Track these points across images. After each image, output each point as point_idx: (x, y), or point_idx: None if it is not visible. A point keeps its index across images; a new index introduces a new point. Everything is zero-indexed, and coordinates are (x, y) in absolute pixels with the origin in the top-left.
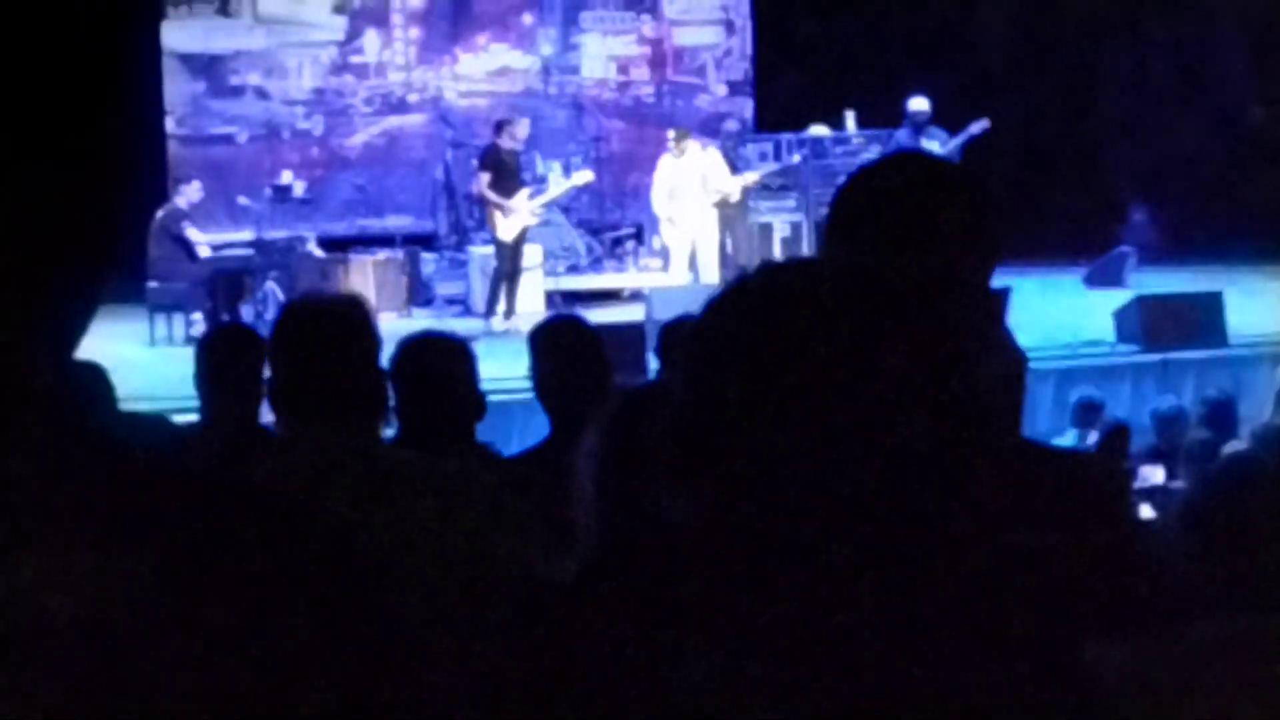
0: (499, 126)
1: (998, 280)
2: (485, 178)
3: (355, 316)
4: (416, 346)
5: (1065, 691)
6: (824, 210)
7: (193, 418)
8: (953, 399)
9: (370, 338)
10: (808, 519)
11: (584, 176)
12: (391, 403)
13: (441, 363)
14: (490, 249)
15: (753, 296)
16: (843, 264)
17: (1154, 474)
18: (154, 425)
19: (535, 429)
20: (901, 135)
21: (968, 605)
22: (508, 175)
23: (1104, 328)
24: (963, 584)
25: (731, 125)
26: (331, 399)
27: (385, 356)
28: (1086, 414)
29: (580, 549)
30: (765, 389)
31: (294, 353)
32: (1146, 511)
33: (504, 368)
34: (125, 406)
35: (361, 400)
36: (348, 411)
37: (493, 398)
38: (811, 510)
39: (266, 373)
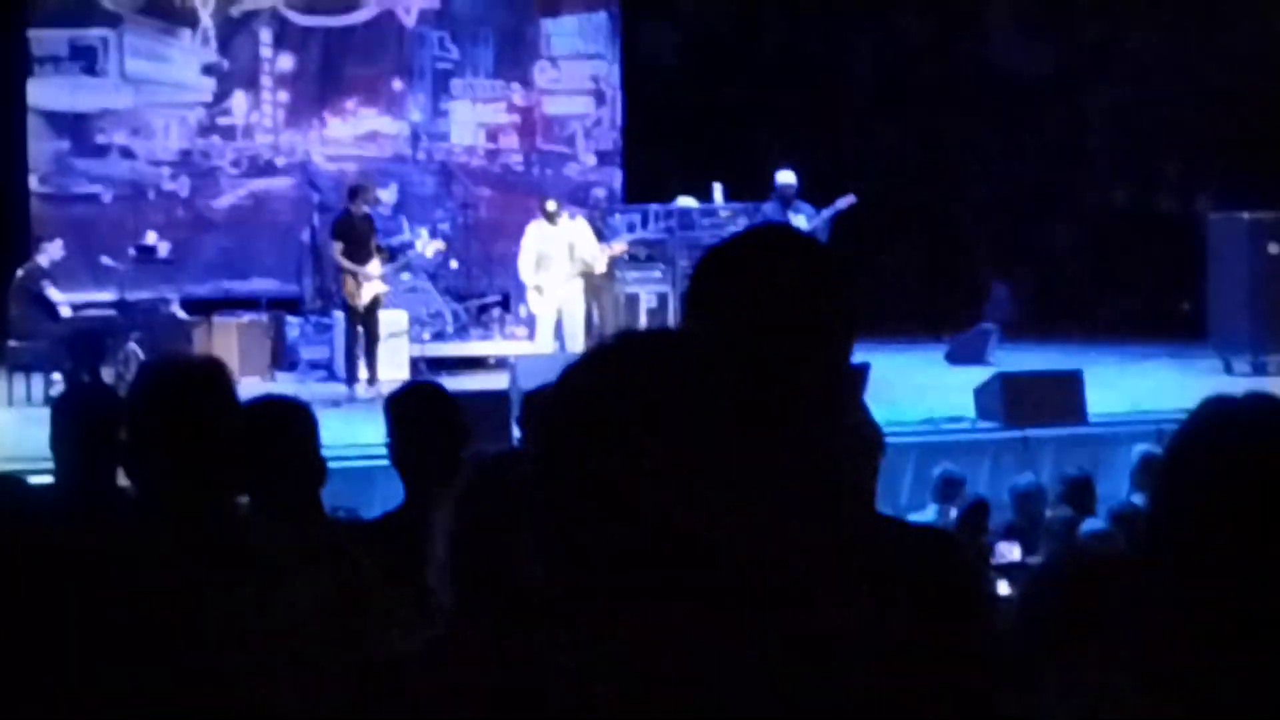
0: (352, 193)
1: (858, 356)
2: (338, 246)
3: (215, 379)
4: (258, 409)
5: None
6: (687, 283)
7: (48, 480)
8: (807, 471)
9: (230, 401)
10: (661, 583)
11: (434, 245)
12: None
13: (281, 427)
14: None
15: (607, 363)
16: (699, 334)
17: (1011, 551)
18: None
19: (398, 495)
20: (769, 208)
21: (821, 677)
22: (360, 242)
23: (965, 404)
24: (815, 653)
25: (600, 193)
26: (188, 464)
27: None
28: (948, 489)
29: (435, 615)
30: (616, 454)
31: (150, 415)
32: (1004, 588)
33: (368, 434)
34: None
35: (219, 466)
36: (204, 477)
37: (355, 464)
38: (664, 575)
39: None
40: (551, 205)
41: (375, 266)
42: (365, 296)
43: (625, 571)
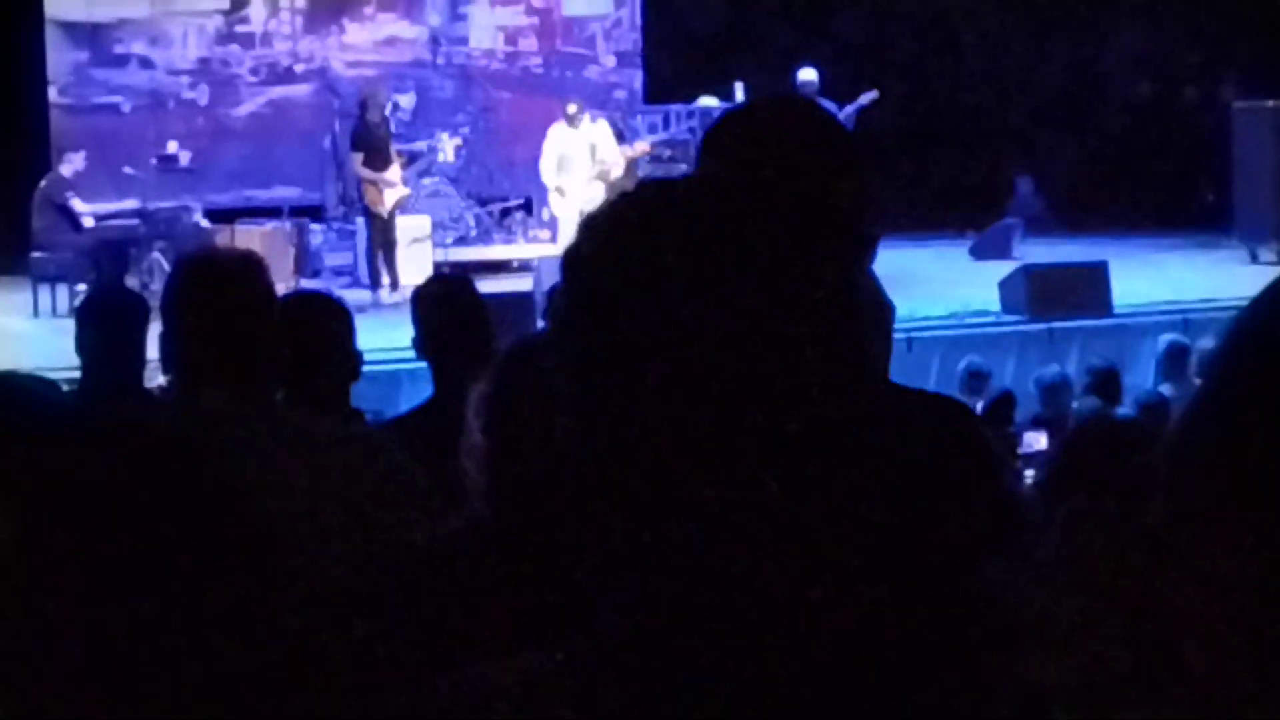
0: (363, 104)
1: (882, 249)
2: (358, 157)
3: (253, 273)
4: (297, 304)
5: (964, 615)
6: None
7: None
8: (826, 318)
9: (269, 294)
10: (684, 440)
11: (454, 144)
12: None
13: (322, 321)
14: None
15: (627, 210)
16: (717, 180)
17: (1038, 440)
18: (29, 383)
19: (423, 398)
20: None
21: (848, 532)
22: (378, 149)
23: (990, 298)
24: (838, 508)
25: (620, 95)
26: (229, 356)
27: None
28: (974, 382)
29: (469, 500)
30: (637, 300)
31: (191, 308)
32: (1031, 476)
33: (391, 338)
34: None
35: (259, 358)
36: (245, 369)
37: (380, 368)
38: (687, 429)
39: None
40: (573, 108)
41: (395, 172)
42: (388, 203)
43: (648, 433)
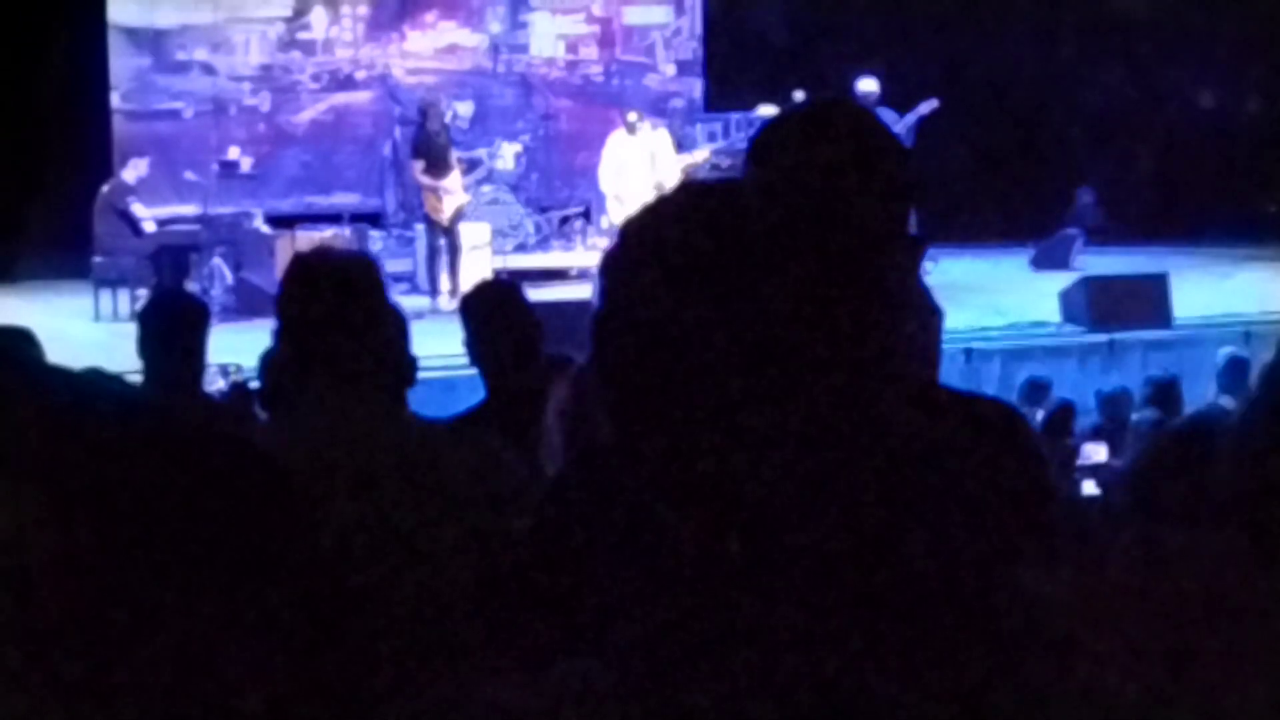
0: (423, 110)
1: (943, 260)
2: (419, 165)
3: (375, 273)
4: None
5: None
6: None
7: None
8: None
9: (386, 295)
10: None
11: (512, 148)
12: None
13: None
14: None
15: (670, 212)
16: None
17: (1097, 452)
18: (94, 381)
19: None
20: None
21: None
22: (439, 157)
23: (1050, 309)
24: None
25: (678, 104)
26: (362, 362)
27: None
28: (1034, 393)
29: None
30: (678, 303)
31: (303, 305)
32: (1090, 488)
33: (450, 345)
34: None
35: (392, 364)
36: (378, 376)
37: (438, 374)
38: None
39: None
40: (633, 116)
41: (455, 179)
42: (448, 211)
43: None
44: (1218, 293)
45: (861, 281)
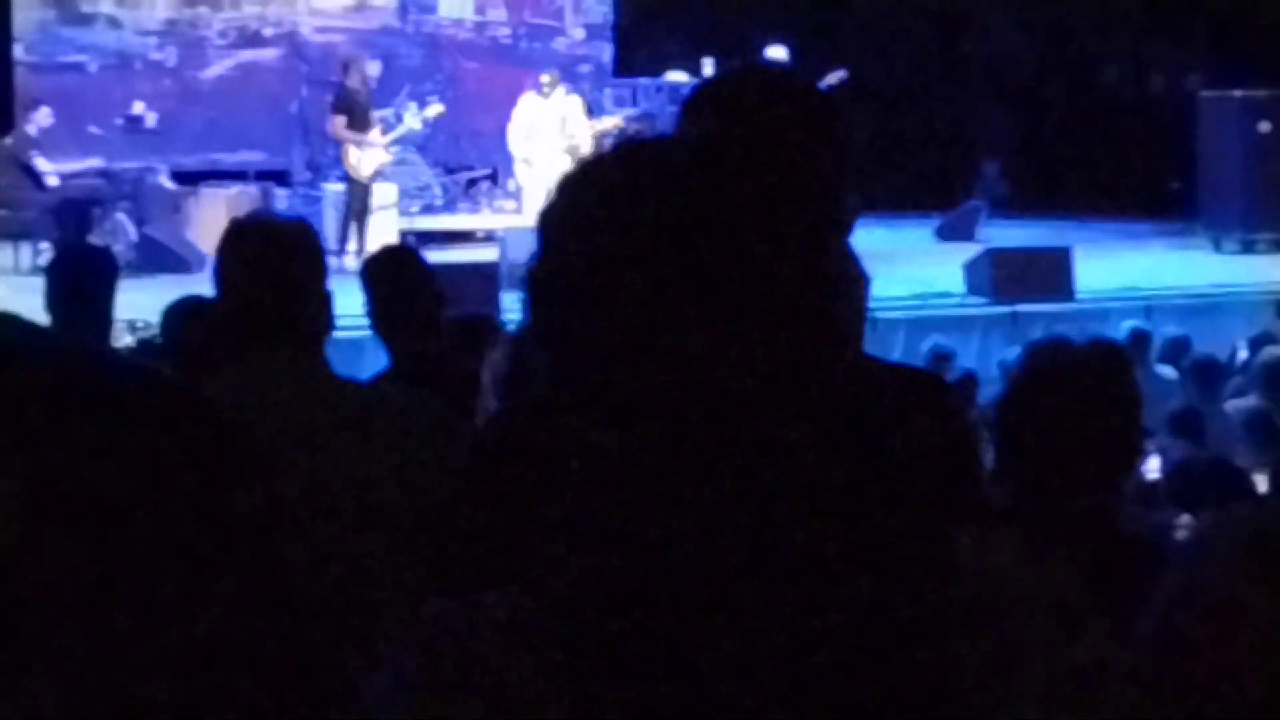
0: (345, 67)
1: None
2: (340, 120)
3: (313, 239)
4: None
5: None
6: None
7: None
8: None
9: (323, 260)
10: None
11: (435, 109)
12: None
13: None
14: (343, 186)
15: (609, 166)
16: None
17: None
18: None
19: (384, 362)
20: None
21: (823, 501)
22: (360, 114)
23: (954, 280)
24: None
25: (586, 69)
26: (286, 320)
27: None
28: (938, 363)
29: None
30: (616, 258)
31: (255, 272)
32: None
33: (355, 304)
34: None
35: (316, 322)
36: (302, 333)
37: (344, 334)
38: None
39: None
40: (546, 78)
41: (376, 135)
42: (366, 167)
43: (615, 380)
44: (1120, 267)
45: (807, 242)
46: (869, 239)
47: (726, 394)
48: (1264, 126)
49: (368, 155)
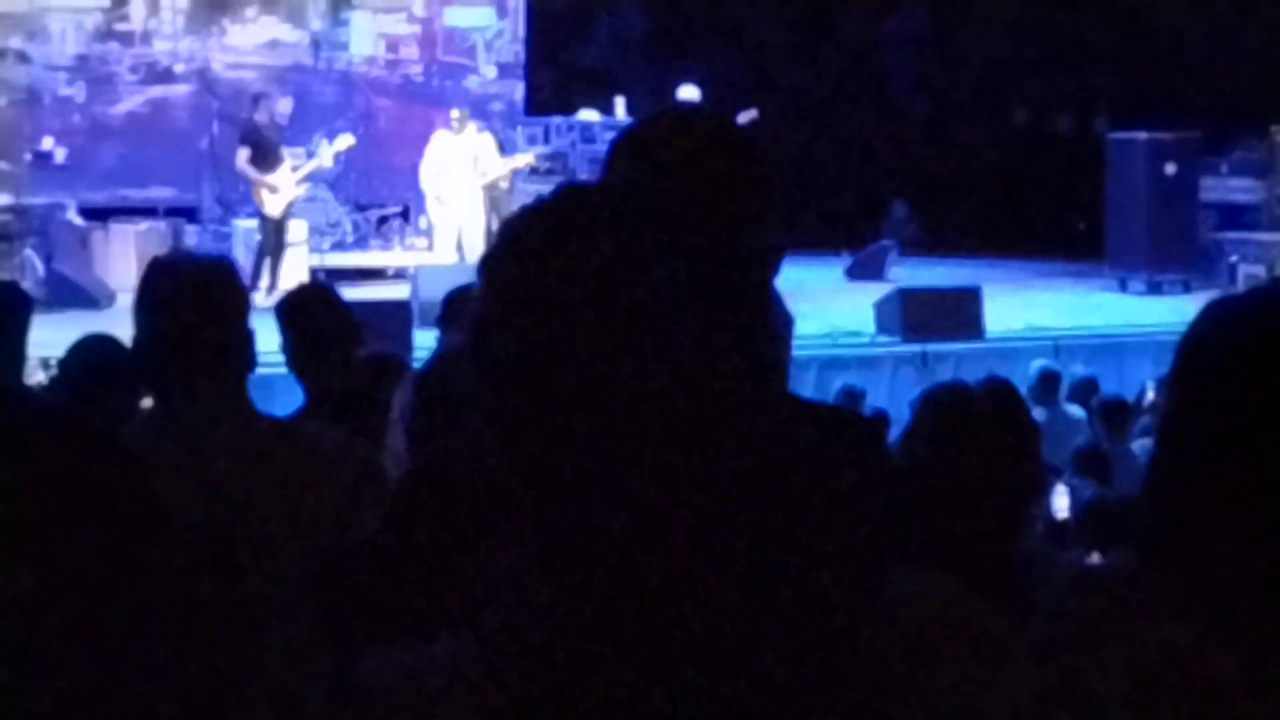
0: (255, 101)
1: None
2: (244, 153)
3: (234, 276)
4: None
5: (867, 618)
6: None
7: None
8: (749, 329)
9: (245, 298)
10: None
11: (345, 141)
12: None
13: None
14: (254, 222)
15: (550, 213)
16: (643, 186)
17: None
18: None
19: (293, 404)
20: None
21: (752, 540)
22: (269, 149)
23: (865, 319)
24: (753, 514)
25: (497, 107)
26: (211, 361)
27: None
28: (849, 401)
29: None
30: (554, 303)
31: (177, 310)
32: None
33: (267, 342)
34: None
35: (239, 361)
36: (224, 371)
37: (255, 371)
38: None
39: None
40: (457, 114)
41: (284, 173)
42: (273, 205)
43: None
44: (1029, 306)
45: (740, 284)
46: (780, 278)
47: (662, 434)
48: (1170, 168)
49: (279, 192)
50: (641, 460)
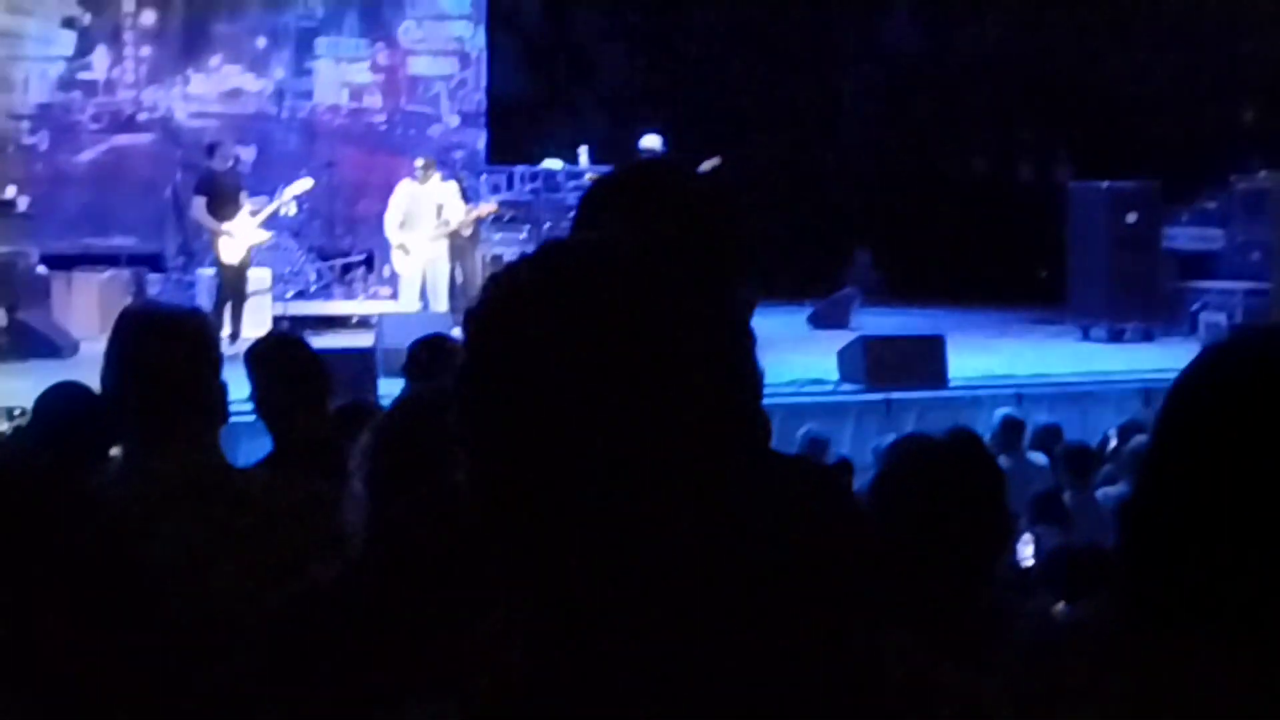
0: (210, 150)
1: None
2: (200, 202)
3: (206, 327)
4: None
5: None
6: None
7: None
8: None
9: (217, 350)
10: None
11: (303, 184)
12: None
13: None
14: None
15: (535, 269)
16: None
17: None
18: None
19: (261, 451)
20: None
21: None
22: (226, 197)
23: (828, 367)
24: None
25: (459, 155)
26: (184, 414)
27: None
28: (813, 449)
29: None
30: (540, 360)
31: (144, 359)
32: None
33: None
34: None
35: (211, 413)
36: (195, 423)
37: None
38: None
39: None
40: (421, 163)
41: (244, 219)
42: (229, 252)
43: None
44: (992, 354)
45: (723, 341)
46: None
47: (645, 491)
48: (1131, 217)
49: (237, 238)
50: (626, 520)
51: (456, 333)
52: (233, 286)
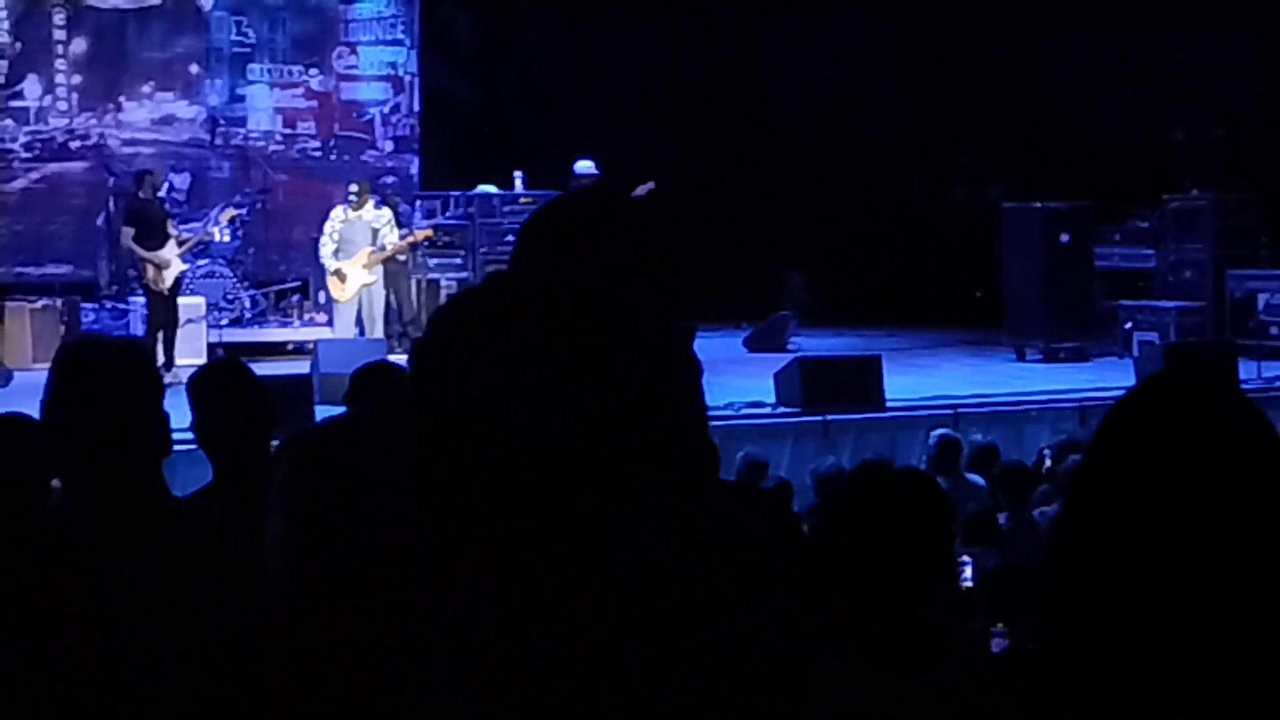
0: (139, 178)
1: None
2: (129, 232)
3: (145, 358)
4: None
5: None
6: (490, 269)
7: None
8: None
9: (159, 381)
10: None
11: (229, 214)
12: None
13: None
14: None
15: (476, 304)
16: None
17: None
18: None
19: (199, 480)
20: None
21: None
22: (154, 226)
23: (765, 389)
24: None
25: (397, 180)
26: (123, 441)
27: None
28: (751, 472)
29: (269, 578)
30: (487, 391)
31: (86, 392)
32: None
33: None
34: None
35: (154, 445)
36: (136, 455)
37: None
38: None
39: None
40: (355, 187)
41: (171, 249)
42: (166, 281)
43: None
44: (928, 375)
45: (665, 370)
46: None
47: (589, 515)
48: (1065, 238)
49: (154, 270)
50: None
51: (394, 359)
52: (163, 315)
